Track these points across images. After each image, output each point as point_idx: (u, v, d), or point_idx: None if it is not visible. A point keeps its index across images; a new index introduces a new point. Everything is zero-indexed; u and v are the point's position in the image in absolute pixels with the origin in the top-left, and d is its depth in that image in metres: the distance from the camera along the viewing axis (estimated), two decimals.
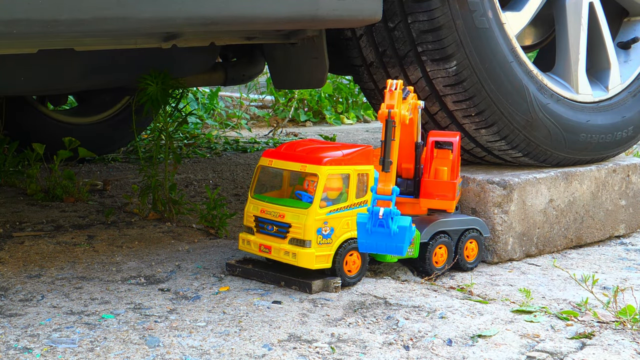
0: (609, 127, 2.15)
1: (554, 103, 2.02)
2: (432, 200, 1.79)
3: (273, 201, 1.71)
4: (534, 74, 1.99)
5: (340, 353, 1.36)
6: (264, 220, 1.70)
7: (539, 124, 1.99)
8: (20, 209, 2.38)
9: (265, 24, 1.60)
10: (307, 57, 2.02)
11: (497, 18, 1.93)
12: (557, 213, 2.03)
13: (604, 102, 2.17)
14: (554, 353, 1.38)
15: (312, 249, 1.63)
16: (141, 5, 1.40)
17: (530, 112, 1.97)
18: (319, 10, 1.58)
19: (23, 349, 1.34)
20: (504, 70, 1.92)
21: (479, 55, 1.88)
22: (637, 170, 2.22)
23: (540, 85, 2.00)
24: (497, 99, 1.92)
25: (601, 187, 2.13)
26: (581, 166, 2.11)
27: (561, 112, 2.04)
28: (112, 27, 1.40)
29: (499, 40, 1.92)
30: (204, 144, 3.79)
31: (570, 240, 2.07)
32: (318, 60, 2.00)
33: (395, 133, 1.56)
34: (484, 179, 1.93)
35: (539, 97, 1.98)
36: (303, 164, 1.67)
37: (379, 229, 1.52)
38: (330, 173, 1.64)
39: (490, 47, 1.90)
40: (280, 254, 1.67)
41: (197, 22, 1.48)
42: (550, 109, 2.01)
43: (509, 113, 1.94)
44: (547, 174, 2.01)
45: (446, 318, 1.53)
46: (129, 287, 1.68)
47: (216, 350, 1.35)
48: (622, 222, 2.20)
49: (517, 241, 1.95)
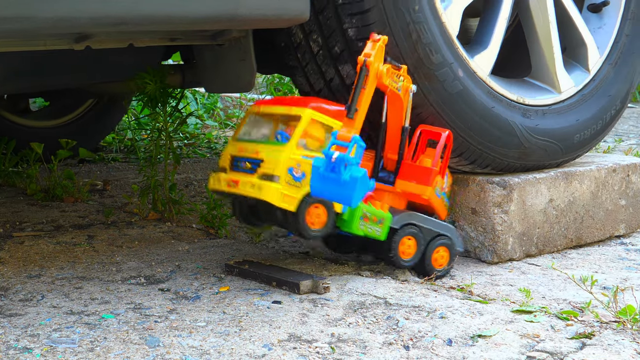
0: (596, 115, 2.12)
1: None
2: (408, 183, 1.77)
3: (252, 141, 1.68)
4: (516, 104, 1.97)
5: (340, 353, 1.36)
6: (239, 158, 1.67)
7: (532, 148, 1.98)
8: (20, 209, 2.38)
9: (181, 24, 1.53)
10: (235, 59, 1.92)
11: (469, 71, 1.87)
12: (557, 213, 2.03)
13: (588, 86, 2.12)
14: (554, 353, 1.38)
15: (279, 185, 1.58)
16: (41, 5, 1.34)
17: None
18: (239, 9, 1.51)
19: (23, 349, 1.34)
20: (486, 117, 1.89)
21: (457, 117, 1.84)
22: (637, 170, 2.22)
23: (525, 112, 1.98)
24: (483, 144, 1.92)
25: (601, 187, 2.13)
26: (581, 166, 2.11)
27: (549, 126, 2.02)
28: (13, 27, 1.34)
29: (475, 91, 1.88)
30: (204, 144, 3.79)
31: (570, 240, 2.07)
32: (245, 62, 1.89)
33: (368, 82, 1.57)
34: (484, 179, 1.93)
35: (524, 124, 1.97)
36: (289, 106, 1.65)
37: (331, 174, 1.49)
38: (313, 117, 1.62)
39: (469, 103, 1.86)
40: (246, 187, 1.62)
41: (104, 22, 1.42)
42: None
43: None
44: (547, 174, 2.01)
45: (446, 318, 1.53)
46: (129, 287, 1.68)
47: (216, 350, 1.35)
48: (622, 222, 2.20)
49: (517, 241, 1.95)
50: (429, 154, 1.80)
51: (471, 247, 1.96)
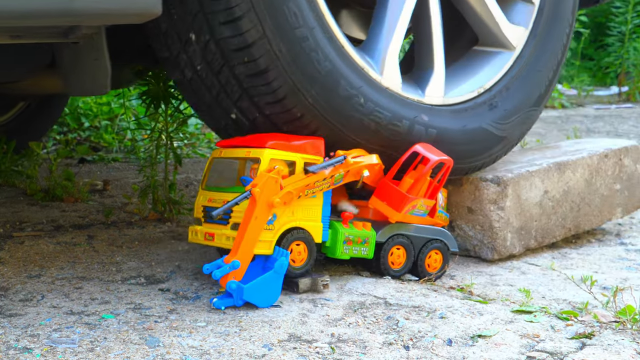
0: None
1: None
2: (380, 202, 1.74)
3: (220, 190, 1.67)
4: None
5: (340, 353, 1.36)
6: (211, 209, 1.66)
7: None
8: (20, 209, 2.38)
9: (6, 18, 1.39)
10: (89, 58, 1.77)
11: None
12: (553, 204, 2.02)
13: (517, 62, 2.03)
14: (554, 353, 1.38)
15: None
16: None
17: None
18: (73, 3, 1.38)
19: (23, 349, 1.34)
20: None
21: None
22: (628, 153, 2.22)
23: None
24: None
25: (594, 174, 2.13)
26: (572, 154, 2.11)
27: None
28: None
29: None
30: (204, 144, 3.79)
31: (568, 230, 2.07)
32: (99, 62, 1.75)
33: (255, 211, 1.54)
34: (477, 177, 1.93)
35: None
36: (248, 149, 1.64)
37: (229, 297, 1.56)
38: (272, 157, 1.60)
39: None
40: (222, 239, 1.61)
41: None
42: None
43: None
44: (539, 166, 2.00)
45: (446, 318, 1.53)
46: (129, 287, 1.68)
47: (216, 350, 1.35)
48: (618, 206, 2.20)
49: (516, 236, 1.95)
50: (414, 174, 1.77)
51: (470, 246, 1.96)
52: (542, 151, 2.23)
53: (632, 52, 6.61)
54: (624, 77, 6.67)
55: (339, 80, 1.70)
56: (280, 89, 1.65)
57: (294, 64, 1.64)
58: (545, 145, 2.40)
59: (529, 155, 2.18)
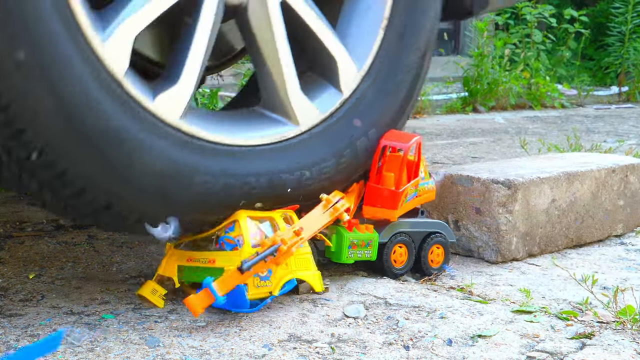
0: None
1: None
2: (374, 209, 1.71)
3: (198, 249, 1.57)
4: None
5: (340, 353, 1.36)
6: (193, 268, 1.57)
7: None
8: (20, 209, 2.38)
9: None
10: None
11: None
12: (559, 213, 2.03)
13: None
14: (554, 353, 1.38)
15: (250, 292, 1.49)
16: None
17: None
18: None
19: None
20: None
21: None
22: (635, 170, 2.22)
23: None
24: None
25: (601, 187, 2.13)
26: (582, 166, 2.12)
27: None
28: None
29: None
30: None
31: (570, 240, 2.07)
32: None
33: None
34: (489, 179, 1.93)
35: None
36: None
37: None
38: (249, 216, 1.53)
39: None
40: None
41: None
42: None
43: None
44: (549, 174, 2.01)
45: (446, 318, 1.53)
46: (129, 287, 1.68)
47: (216, 350, 1.35)
48: (620, 222, 2.20)
49: (521, 241, 1.95)
50: (390, 162, 1.72)
51: (474, 247, 1.96)
52: (550, 160, 2.24)
53: (632, 52, 6.61)
54: (624, 77, 6.67)
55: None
56: None
57: None
58: (552, 155, 2.40)
59: (537, 162, 2.19)
